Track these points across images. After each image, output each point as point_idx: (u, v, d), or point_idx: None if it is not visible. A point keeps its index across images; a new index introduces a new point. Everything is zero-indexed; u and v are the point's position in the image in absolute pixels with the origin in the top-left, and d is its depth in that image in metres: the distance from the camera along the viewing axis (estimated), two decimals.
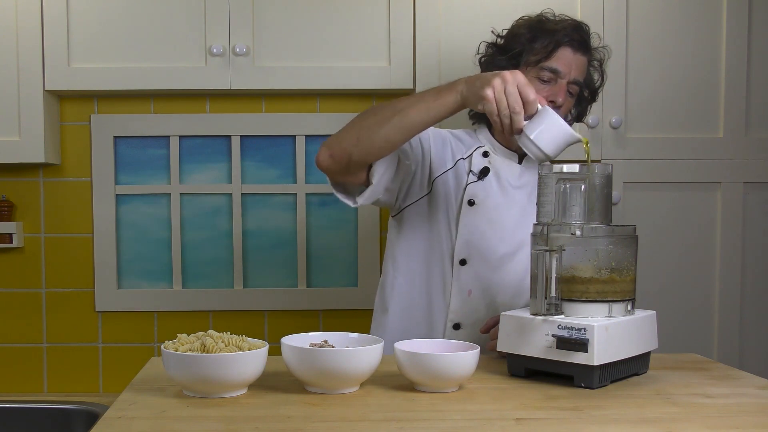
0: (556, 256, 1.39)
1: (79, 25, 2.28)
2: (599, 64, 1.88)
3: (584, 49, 1.80)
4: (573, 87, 1.79)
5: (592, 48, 1.83)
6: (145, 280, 2.52)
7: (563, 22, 1.80)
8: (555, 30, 1.78)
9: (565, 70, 1.77)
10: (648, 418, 1.21)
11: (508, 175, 1.84)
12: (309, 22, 2.31)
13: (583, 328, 1.35)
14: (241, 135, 2.51)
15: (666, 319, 2.14)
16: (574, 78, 1.78)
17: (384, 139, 1.60)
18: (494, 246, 1.81)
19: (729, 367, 1.56)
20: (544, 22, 1.82)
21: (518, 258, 1.82)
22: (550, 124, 1.46)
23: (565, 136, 1.46)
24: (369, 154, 1.64)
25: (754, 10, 2.34)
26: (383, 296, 1.89)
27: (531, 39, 1.79)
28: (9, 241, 2.45)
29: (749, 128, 2.36)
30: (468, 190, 1.82)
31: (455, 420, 1.19)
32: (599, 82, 1.91)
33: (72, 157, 2.50)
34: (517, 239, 1.82)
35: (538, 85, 1.77)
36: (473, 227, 1.80)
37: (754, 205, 2.38)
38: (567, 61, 1.77)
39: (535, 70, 1.78)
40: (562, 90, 1.77)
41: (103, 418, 1.19)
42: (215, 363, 1.27)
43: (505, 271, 1.81)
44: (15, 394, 2.44)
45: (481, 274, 1.80)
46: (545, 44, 1.77)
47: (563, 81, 1.77)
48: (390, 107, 1.61)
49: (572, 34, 1.77)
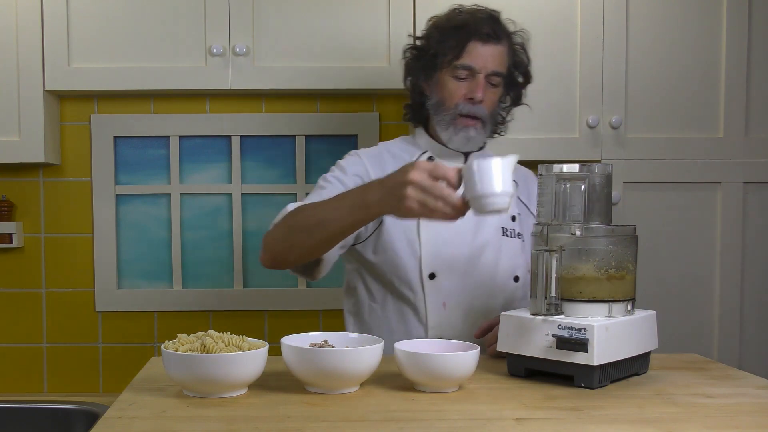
0: (556, 256, 1.39)
1: (79, 25, 2.28)
2: (522, 47, 1.85)
3: (495, 39, 1.76)
4: (493, 79, 1.77)
5: (506, 34, 1.80)
6: (145, 280, 2.52)
7: (471, 15, 1.77)
8: (461, 26, 1.75)
9: (480, 65, 1.75)
10: (648, 418, 1.21)
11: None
12: (309, 22, 2.31)
13: (583, 328, 1.35)
14: (241, 135, 2.51)
15: (666, 319, 2.14)
16: (491, 70, 1.76)
17: (314, 248, 1.60)
18: (459, 252, 1.78)
19: (729, 367, 1.56)
20: (451, 19, 1.79)
21: (484, 259, 1.80)
22: (480, 172, 1.33)
23: (500, 166, 1.33)
24: (306, 257, 1.64)
25: (754, 10, 2.34)
26: (362, 323, 1.85)
27: (440, 39, 1.77)
28: (9, 241, 2.45)
29: (749, 128, 2.36)
30: None
31: (455, 420, 1.19)
32: (527, 62, 1.87)
33: (72, 157, 2.50)
34: (480, 240, 1.80)
35: (456, 83, 1.76)
36: (435, 238, 1.77)
37: (754, 205, 2.38)
38: (479, 55, 1.74)
39: (451, 70, 1.76)
40: (480, 85, 1.75)
41: (103, 418, 1.19)
42: (215, 363, 1.27)
43: (474, 274, 1.78)
44: (15, 394, 2.44)
45: (452, 283, 1.77)
46: (454, 42, 1.74)
47: (480, 75, 1.75)
48: (313, 215, 1.57)
49: (478, 27, 1.74)
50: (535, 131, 2.32)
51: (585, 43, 2.31)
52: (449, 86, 1.78)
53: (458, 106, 1.77)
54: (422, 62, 1.82)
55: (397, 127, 2.52)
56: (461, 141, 1.79)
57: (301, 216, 1.61)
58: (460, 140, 1.79)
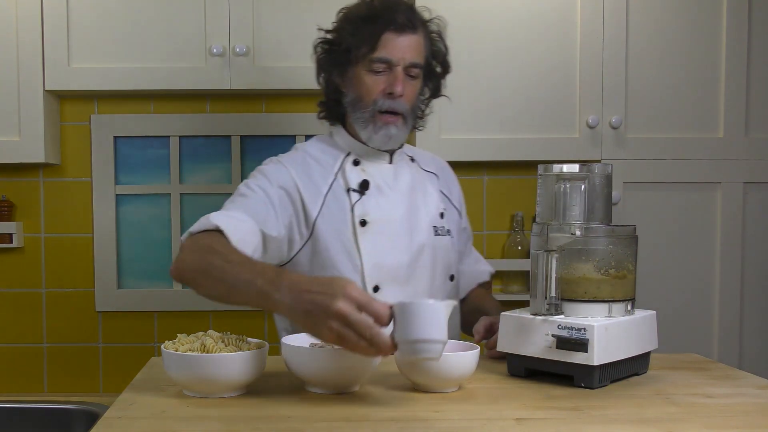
0: (556, 256, 1.39)
1: (79, 25, 2.28)
2: (439, 35, 1.76)
3: (411, 28, 1.67)
4: (412, 70, 1.68)
5: (422, 23, 1.71)
6: (145, 280, 2.52)
7: (383, 4, 1.68)
8: (374, 16, 1.66)
9: (397, 56, 1.66)
10: (648, 418, 1.21)
11: (385, 179, 1.74)
12: (309, 22, 2.30)
13: (583, 328, 1.35)
14: (241, 135, 2.51)
15: (666, 319, 2.14)
16: (410, 61, 1.67)
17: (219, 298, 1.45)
18: (400, 260, 1.70)
19: (729, 367, 1.56)
20: (363, 9, 1.70)
21: (422, 262, 1.74)
22: (417, 315, 1.20)
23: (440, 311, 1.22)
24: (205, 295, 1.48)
25: (754, 10, 2.34)
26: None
27: (353, 32, 1.68)
28: (9, 241, 2.45)
29: (749, 128, 2.36)
30: (355, 210, 1.69)
31: (455, 420, 1.19)
32: (445, 50, 1.79)
33: (72, 157, 2.50)
34: (417, 244, 1.73)
35: (373, 77, 1.67)
36: (374, 247, 1.68)
37: (754, 205, 2.38)
38: (395, 47, 1.66)
39: (366, 64, 1.67)
40: (399, 78, 1.66)
41: (103, 418, 1.19)
42: (215, 363, 1.27)
43: (414, 281, 1.71)
44: (15, 394, 2.44)
45: (395, 294, 1.65)
46: (367, 34, 1.65)
47: (398, 68, 1.66)
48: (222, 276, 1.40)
49: (392, 16, 1.65)
50: (535, 131, 2.32)
51: (585, 43, 2.31)
52: (366, 81, 1.68)
53: (377, 102, 1.68)
54: (335, 57, 1.72)
55: None
56: (382, 139, 1.71)
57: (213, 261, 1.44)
58: (381, 138, 1.70)
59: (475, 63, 2.31)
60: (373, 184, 1.72)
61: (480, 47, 2.31)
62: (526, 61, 2.32)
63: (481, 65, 2.32)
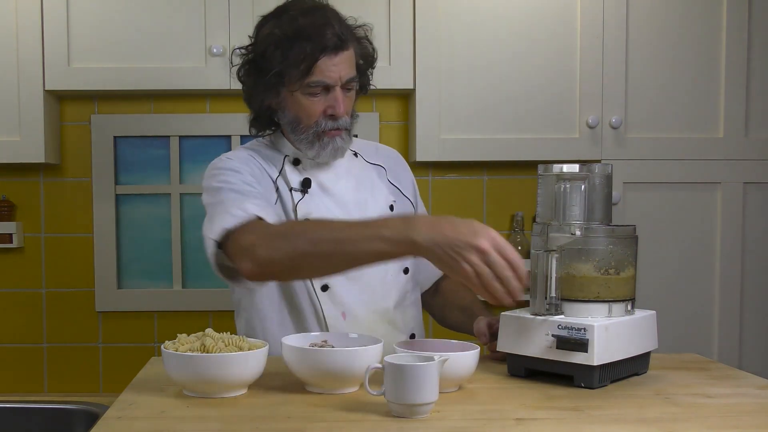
0: (556, 256, 1.39)
1: (79, 25, 2.28)
2: (367, 39, 1.70)
3: (344, 46, 1.61)
4: (349, 85, 1.64)
5: (351, 35, 1.65)
6: (145, 280, 2.52)
7: (310, 23, 1.59)
8: (302, 39, 1.58)
9: (333, 78, 1.60)
10: (648, 418, 1.21)
11: (328, 176, 1.71)
12: None
13: (583, 328, 1.35)
14: (241, 135, 2.51)
15: (666, 319, 2.14)
16: (346, 78, 1.62)
17: (330, 272, 1.48)
18: None
19: (729, 367, 1.56)
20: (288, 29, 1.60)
21: None
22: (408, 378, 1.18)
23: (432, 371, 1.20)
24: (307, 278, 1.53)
25: (754, 10, 2.34)
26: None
27: (283, 56, 1.59)
28: (9, 241, 2.45)
29: (749, 128, 2.36)
30: (299, 210, 1.66)
31: (455, 420, 1.19)
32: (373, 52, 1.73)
33: (72, 157, 2.50)
34: None
35: (311, 99, 1.62)
36: None
37: (754, 205, 2.38)
38: (331, 69, 1.59)
39: (302, 88, 1.61)
40: (339, 99, 1.62)
41: (103, 418, 1.19)
42: (215, 363, 1.27)
43: (368, 274, 1.65)
44: (15, 394, 2.44)
45: (346, 291, 1.65)
46: (299, 60, 1.58)
47: (336, 88, 1.61)
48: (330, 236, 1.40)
49: (323, 40, 1.58)
50: (535, 131, 2.32)
51: (585, 43, 2.31)
52: (304, 104, 1.63)
53: (319, 123, 1.63)
54: (267, 80, 1.63)
55: (397, 127, 2.52)
56: (330, 154, 1.66)
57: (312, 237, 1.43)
58: (329, 153, 1.66)
59: (475, 63, 2.31)
60: (315, 182, 1.69)
61: (480, 47, 2.31)
62: (526, 62, 2.32)
63: (481, 65, 2.32)
